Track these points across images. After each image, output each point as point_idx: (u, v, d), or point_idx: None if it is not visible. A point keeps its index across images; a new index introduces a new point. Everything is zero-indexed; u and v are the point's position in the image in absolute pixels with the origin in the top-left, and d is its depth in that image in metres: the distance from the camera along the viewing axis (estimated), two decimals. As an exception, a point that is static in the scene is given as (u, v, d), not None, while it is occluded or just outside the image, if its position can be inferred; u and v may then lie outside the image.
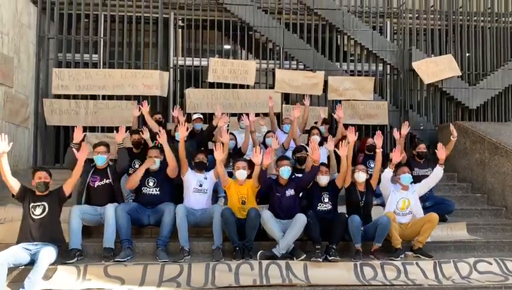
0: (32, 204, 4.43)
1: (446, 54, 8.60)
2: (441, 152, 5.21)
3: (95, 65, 7.96)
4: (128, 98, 7.80)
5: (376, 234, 4.77)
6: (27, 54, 7.36)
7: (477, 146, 6.93)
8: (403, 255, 4.78)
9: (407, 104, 8.54)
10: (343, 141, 5.05)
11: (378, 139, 5.21)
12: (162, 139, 5.05)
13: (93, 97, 7.77)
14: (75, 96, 7.70)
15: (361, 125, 8.30)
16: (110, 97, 7.80)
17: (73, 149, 4.84)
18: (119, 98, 7.80)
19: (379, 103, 8.37)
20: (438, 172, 5.24)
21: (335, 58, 8.54)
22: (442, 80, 8.43)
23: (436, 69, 8.35)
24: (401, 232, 4.93)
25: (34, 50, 7.63)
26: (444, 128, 7.95)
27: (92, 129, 7.72)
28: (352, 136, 5.17)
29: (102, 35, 8.10)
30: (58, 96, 7.70)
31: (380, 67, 8.67)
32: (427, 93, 8.63)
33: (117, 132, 5.33)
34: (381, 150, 5.18)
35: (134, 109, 6.59)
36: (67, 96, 7.69)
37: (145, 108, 6.24)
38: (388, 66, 8.67)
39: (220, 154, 4.87)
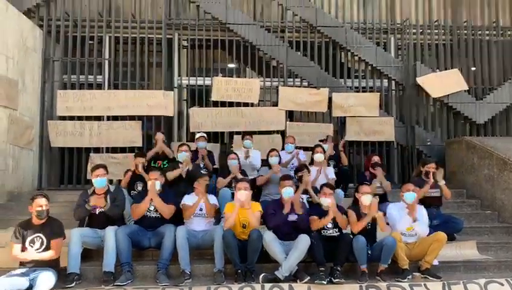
0: (30, 237, 4.33)
1: (451, 68, 8.51)
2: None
3: (99, 86, 8.01)
4: (132, 118, 7.81)
5: (382, 254, 4.64)
6: (32, 77, 7.44)
7: (486, 162, 6.78)
8: (410, 276, 4.61)
9: (414, 120, 8.42)
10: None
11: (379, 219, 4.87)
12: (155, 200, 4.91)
13: (98, 118, 7.80)
14: (79, 118, 7.74)
15: (367, 142, 8.25)
16: (115, 118, 7.82)
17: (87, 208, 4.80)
18: (124, 118, 7.81)
19: (385, 119, 8.29)
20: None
21: (339, 75, 8.49)
22: (448, 95, 8.34)
23: (441, 83, 8.27)
24: (407, 252, 4.79)
25: (39, 73, 7.71)
26: (452, 143, 7.85)
27: (97, 150, 7.74)
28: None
29: (107, 57, 8.17)
30: (63, 118, 7.74)
31: (385, 83, 8.59)
32: (434, 109, 8.53)
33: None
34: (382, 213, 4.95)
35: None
36: (71, 118, 7.74)
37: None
38: (393, 82, 8.58)
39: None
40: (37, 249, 4.32)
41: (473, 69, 8.72)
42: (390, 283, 4.49)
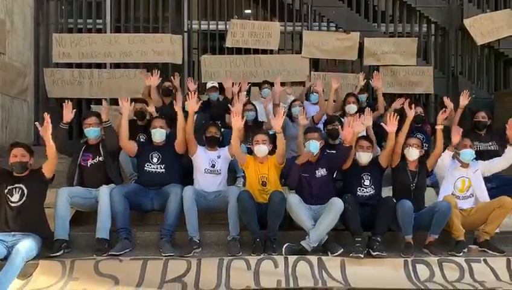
0: (8, 188, 3.67)
1: (505, 8, 7.39)
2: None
3: (99, 30, 7.16)
4: (136, 66, 6.99)
5: (433, 223, 3.82)
6: (22, 17, 6.56)
7: (546, 116, 5.78)
8: (466, 250, 3.83)
9: (456, 69, 7.44)
10: (391, 115, 4.03)
11: (442, 114, 4.29)
12: (178, 104, 4.20)
13: (99, 66, 7.01)
14: (78, 65, 6.96)
15: (401, 95, 7.28)
16: (117, 65, 7.03)
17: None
18: (127, 66, 7.00)
19: (423, 68, 7.34)
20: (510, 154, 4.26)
21: (372, 18, 7.50)
22: (499, 40, 7.29)
23: (492, 26, 7.24)
24: (462, 220, 3.96)
25: (32, 13, 6.84)
26: (503, 95, 6.85)
27: (98, 101, 6.96)
28: (410, 112, 4.17)
29: (108, -4, 7.28)
30: (61, 65, 6.94)
31: (424, 28, 7.58)
32: (481, 56, 7.52)
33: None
34: (442, 126, 4.17)
35: (146, 77, 5.67)
36: (69, 65, 6.96)
37: (154, 79, 5.37)
38: (433, 25, 7.57)
39: (237, 122, 4.00)
40: (16, 202, 3.63)
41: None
42: (442, 257, 3.73)
